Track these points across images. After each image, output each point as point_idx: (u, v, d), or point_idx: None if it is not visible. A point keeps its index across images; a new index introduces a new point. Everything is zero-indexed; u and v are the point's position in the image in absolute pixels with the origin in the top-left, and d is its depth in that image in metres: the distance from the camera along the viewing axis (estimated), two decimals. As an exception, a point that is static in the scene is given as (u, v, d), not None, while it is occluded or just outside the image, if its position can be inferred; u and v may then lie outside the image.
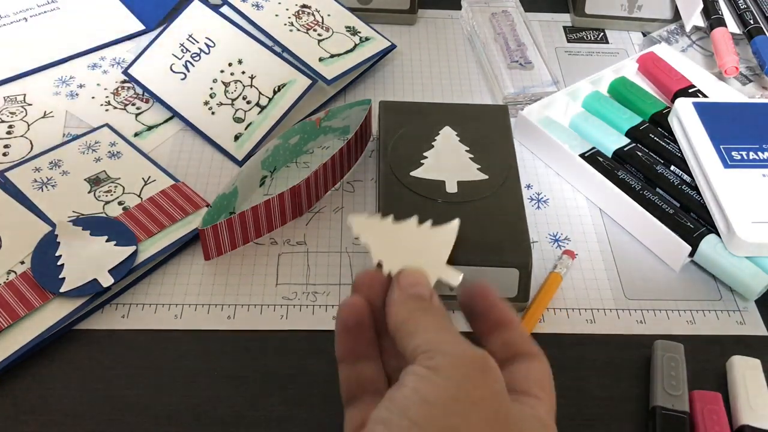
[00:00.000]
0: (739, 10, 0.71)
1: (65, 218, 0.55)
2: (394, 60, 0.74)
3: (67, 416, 0.46)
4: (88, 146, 0.62)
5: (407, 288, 0.35)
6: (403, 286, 0.36)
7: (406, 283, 0.36)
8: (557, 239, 0.58)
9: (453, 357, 0.31)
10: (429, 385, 0.30)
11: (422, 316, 0.34)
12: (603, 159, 0.60)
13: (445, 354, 0.31)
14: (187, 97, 0.65)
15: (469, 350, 0.32)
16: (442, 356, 0.31)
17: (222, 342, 0.51)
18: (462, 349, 0.32)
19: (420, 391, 0.30)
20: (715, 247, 0.54)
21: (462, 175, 0.56)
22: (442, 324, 0.34)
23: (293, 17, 0.69)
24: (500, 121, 0.61)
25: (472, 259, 0.50)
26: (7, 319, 0.49)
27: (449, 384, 0.30)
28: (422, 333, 0.33)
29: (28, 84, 0.68)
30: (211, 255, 0.55)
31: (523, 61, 0.70)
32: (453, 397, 0.30)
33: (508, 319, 0.36)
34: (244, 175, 0.57)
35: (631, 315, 0.53)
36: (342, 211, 0.59)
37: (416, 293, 0.35)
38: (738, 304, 0.54)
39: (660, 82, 0.68)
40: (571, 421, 0.47)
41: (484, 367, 0.31)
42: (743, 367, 0.49)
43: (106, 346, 0.50)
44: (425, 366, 0.31)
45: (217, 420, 0.47)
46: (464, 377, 0.30)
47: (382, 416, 0.30)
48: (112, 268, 0.52)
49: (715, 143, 0.58)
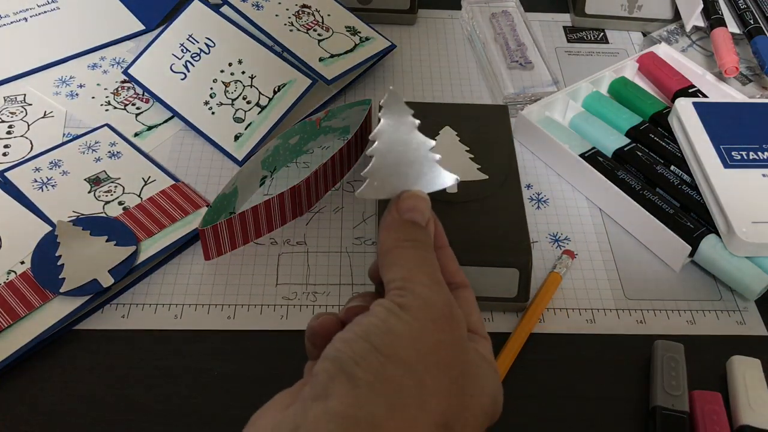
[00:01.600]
0: (739, 10, 0.71)
1: (65, 218, 0.55)
2: (394, 60, 0.74)
3: (67, 416, 0.46)
4: (88, 146, 0.62)
5: (404, 212, 0.35)
6: (402, 209, 0.35)
7: (404, 207, 0.35)
8: (557, 239, 0.58)
9: (422, 299, 0.32)
10: (396, 319, 0.31)
11: (406, 249, 0.34)
12: (603, 159, 0.60)
13: (416, 295, 0.32)
14: (187, 97, 0.65)
15: (439, 295, 0.33)
16: (413, 296, 0.32)
17: (222, 342, 0.51)
18: (433, 293, 0.32)
19: (387, 322, 0.31)
20: (715, 247, 0.54)
21: (462, 175, 0.55)
22: (423, 260, 0.34)
23: (293, 17, 0.69)
24: (500, 121, 0.61)
25: (472, 259, 0.50)
26: (7, 319, 0.49)
27: (415, 324, 0.31)
28: (400, 268, 0.33)
29: (28, 84, 0.68)
30: (211, 255, 0.55)
31: (523, 61, 0.70)
32: (416, 337, 0.31)
33: (443, 242, 0.37)
34: (244, 175, 0.57)
35: (631, 315, 0.53)
36: (342, 211, 0.59)
37: (411, 218, 0.35)
38: (738, 304, 0.54)
39: (660, 82, 0.68)
40: (572, 421, 0.47)
41: (450, 315, 0.32)
42: (743, 367, 0.49)
43: (106, 346, 0.50)
44: (396, 302, 0.32)
45: (217, 420, 0.47)
46: (430, 320, 0.31)
47: (346, 336, 0.31)
48: (112, 268, 0.52)
49: (715, 143, 0.58)
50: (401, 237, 0.34)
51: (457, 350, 0.32)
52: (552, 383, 0.49)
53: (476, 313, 0.36)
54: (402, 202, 0.35)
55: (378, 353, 0.30)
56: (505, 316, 0.53)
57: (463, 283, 0.37)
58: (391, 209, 0.36)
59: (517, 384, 0.49)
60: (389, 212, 0.36)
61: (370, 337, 0.30)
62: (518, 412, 0.48)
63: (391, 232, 0.35)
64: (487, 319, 0.53)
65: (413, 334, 0.31)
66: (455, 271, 0.37)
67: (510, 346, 0.50)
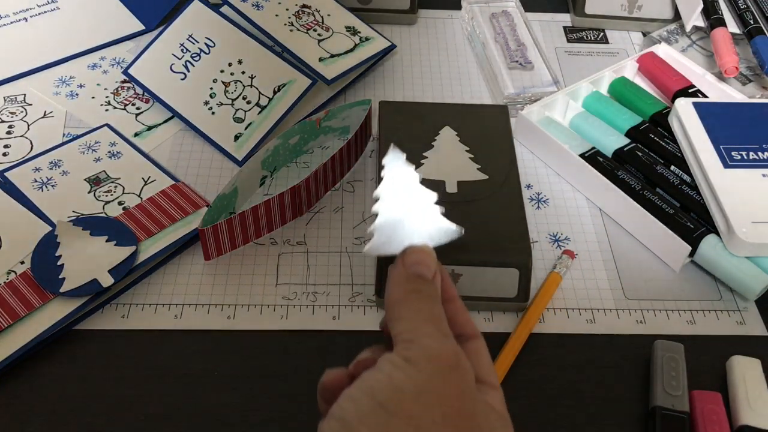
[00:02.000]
0: (739, 10, 0.71)
1: (65, 218, 0.55)
2: (394, 60, 0.74)
3: (66, 416, 0.46)
4: (88, 146, 0.62)
5: (410, 266, 0.36)
6: (407, 263, 0.36)
7: (410, 261, 0.36)
8: (557, 239, 0.58)
9: (428, 351, 0.32)
10: (401, 373, 0.31)
11: (413, 301, 0.34)
12: (603, 159, 0.60)
13: (422, 347, 0.32)
14: (187, 97, 0.65)
15: (445, 346, 0.33)
16: (419, 348, 0.32)
17: (222, 342, 0.51)
18: (440, 344, 0.33)
19: (392, 377, 0.31)
20: (715, 247, 0.54)
21: (462, 175, 0.56)
22: (430, 313, 0.34)
23: (293, 17, 0.69)
24: (500, 121, 0.61)
25: (472, 259, 0.50)
26: (7, 319, 0.49)
27: (420, 376, 0.31)
28: (407, 320, 0.34)
29: (28, 84, 0.68)
30: (211, 255, 0.55)
31: (523, 61, 0.70)
32: (421, 389, 0.31)
33: (452, 294, 0.37)
34: (244, 175, 0.57)
35: (631, 315, 0.53)
36: (342, 211, 0.59)
37: (417, 272, 0.35)
38: (738, 304, 0.54)
39: (660, 82, 0.68)
40: (572, 422, 0.47)
41: (456, 365, 0.32)
42: (743, 367, 0.49)
43: (106, 346, 0.50)
44: (402, 356, 0.32)
45: (217, 420, 0.47)
46: (436, 372, 0.31)
47: (352, 394, 0.31)
48: (112, 268, 0.52)
49: (715, 143, 0.58)
50: (408, 290, 0.35)
51: (465, 402, 0.32)
52: (552, 383, 0.49)
53: (487, 364, 0.36)
54: (408, 256, 0.36)
55: (383, 410, 0.30)
56: (505, 316, 0.53)
57: (474, 334, 0.37)
58: (398, 264, 0.36)
59: (517, 384, 0.49)
60: (396, 267, 0.36)
61: (374, 394, 0.31)
62: (518, 412, 0.48)
63: (398, 285, 0.35)
64: (487, 319, 0.53)
65: (418, 388, 0.31)
66: (465, 323, 0.37)
67: (510, 346, 0.50)
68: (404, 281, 0.35)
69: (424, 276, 0.35)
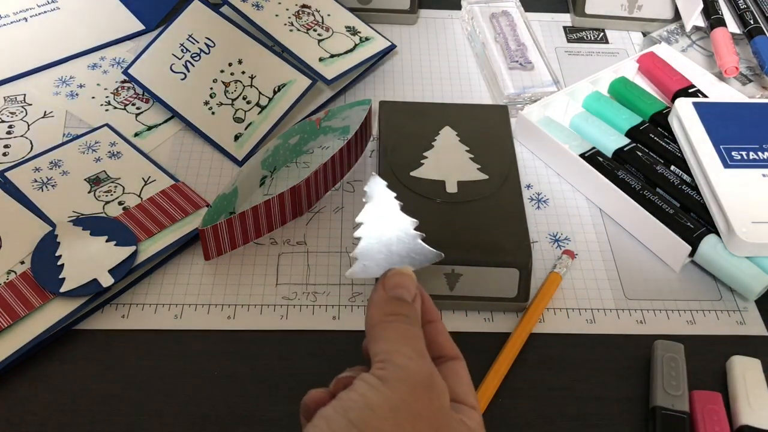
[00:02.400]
0: (739, 10, 0.71)
1: (65, 218, 0.55)
2: (394, 60, 0.74)
3: (66, 416, 0.46)
4: (88, 146, 0.62)
5: (391, 289, 0.36)
6: (388, 286, 0.36)
7: (390, 284, 0.37)
8: (557, 239, 0.58)
9: (402, 370, 0.32)
10: (374, 393, 0.31)
11: (391, 324, 0.35)
12: (603, 159, 0.60)
13: (397, 366, 0.33)
14: (187, 97, 0.65)
15: (419, 366, 0.33)
16: (393, 368, 0.32)
17: (222, 342, 0.51)
18: (414, 363, 0.33)
19: (366, 396, 0.31)
20: (715, 247, 0.54)
21: (462, 175, 0.56)
22: (407, 334, 0.35)
23: (293, 17, 0.69)
24: (500, 121, 0.61)
25: (473, 259, 0.50)
26: (7, 319, 0.49)
27: (393, 395, 0.31)
28: (384, 341, 0.34)
29: (28, 84, 0.68)
30: (211, 255, 0.55)
31: (523, 61, 0.70)
32: (394, 408, 0.31)
33: (434, 316, 0.38)
34: (244, 175, 0.57)
35: (631, 315, 0.53)
36: (342, 211, 0.59)
37: (397, 295, 0.36)
38: (738, 304, 0.55)
39: (660, 82, 0.68)
40: (572, 422, 0.47)
41: (430, 384, 0.33)
42: (743, 367, 0.49)
43: (106, 346, 0.50)
44: (376, 375, 0.32)
45: (217, 420, 0.47)
46: (409, 391, 0.32)
47: (327, 413, 0.32)
48: (112, 268, 0.52)
49: (715, 143, 0.58)
50: (387, 312, 0.35)
51: (438, 420, 0.32)
52: (552, 383, 0.49)
53: (466, 384, 0.36)
54: (388, 279, 0.37)
55: (355, 429, 0.30)
56: (505, 316, 0.53)
57: (454, 355, 0.37)
58: (378, 287, 0.37)
59: (517, 384, 0.49)
60: (376, 290, 0.37)
61: (348, 413, 0.31)
62: (518, 412, 0.48)
63: (378, 308, 0.36)
64: (486, 319, 0.53)
65: (391, 405, 0.31)
66: (445, 343, 0.37)
67: (510, 346, 0.50)
68: (384, 304, 0.36)
69: (404, 299, 0.36)
